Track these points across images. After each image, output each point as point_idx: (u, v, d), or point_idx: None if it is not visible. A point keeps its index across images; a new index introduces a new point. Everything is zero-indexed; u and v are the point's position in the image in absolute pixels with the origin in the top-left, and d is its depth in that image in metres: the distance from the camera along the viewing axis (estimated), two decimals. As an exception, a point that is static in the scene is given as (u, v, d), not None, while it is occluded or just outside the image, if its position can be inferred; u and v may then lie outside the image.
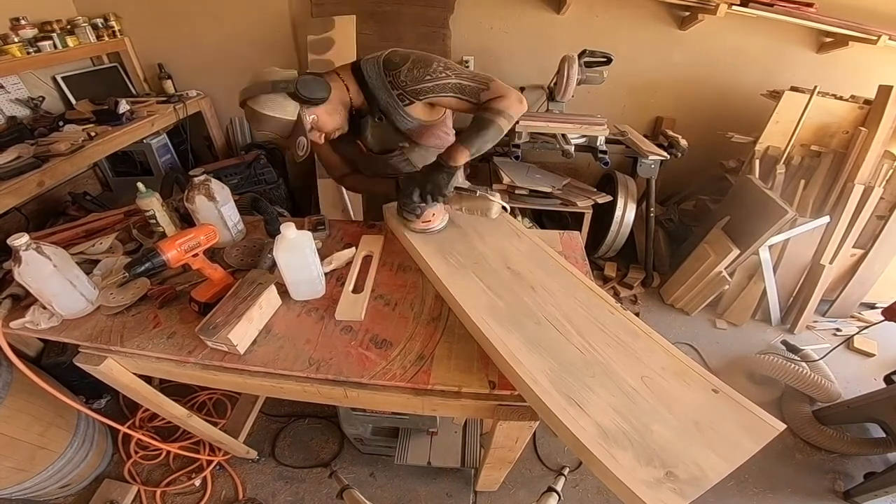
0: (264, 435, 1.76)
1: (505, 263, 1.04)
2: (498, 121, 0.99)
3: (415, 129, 1.14)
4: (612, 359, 0.80)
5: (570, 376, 0.77)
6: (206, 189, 1.11)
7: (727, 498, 1.57)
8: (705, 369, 0.78)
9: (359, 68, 1.08)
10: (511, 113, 1.00)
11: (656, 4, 2.30)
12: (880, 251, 2.17)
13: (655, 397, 0.73)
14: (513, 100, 1.01)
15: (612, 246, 2.51)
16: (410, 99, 1.06)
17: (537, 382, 0.75)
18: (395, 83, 1.03)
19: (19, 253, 0.83)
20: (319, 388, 0.87)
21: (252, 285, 0.94)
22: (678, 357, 0.80)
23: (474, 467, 1.52)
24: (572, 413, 0.71)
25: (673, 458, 0.65)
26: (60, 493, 1.48)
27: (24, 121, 2.09)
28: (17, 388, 1.23)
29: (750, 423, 0.70)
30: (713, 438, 0.67)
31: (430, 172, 1.02)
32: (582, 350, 0.82)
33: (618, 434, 0.68)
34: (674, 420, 0.70)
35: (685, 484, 0.62)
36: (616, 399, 0.73)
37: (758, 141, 2.29)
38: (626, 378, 0.77)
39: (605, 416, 0.70)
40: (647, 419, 0.70)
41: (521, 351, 0.81)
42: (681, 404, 0.72)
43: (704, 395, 0.74)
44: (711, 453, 0.65)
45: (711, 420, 0.70)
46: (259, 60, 2.68)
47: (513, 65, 2.59)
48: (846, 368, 2.06)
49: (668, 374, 0.77)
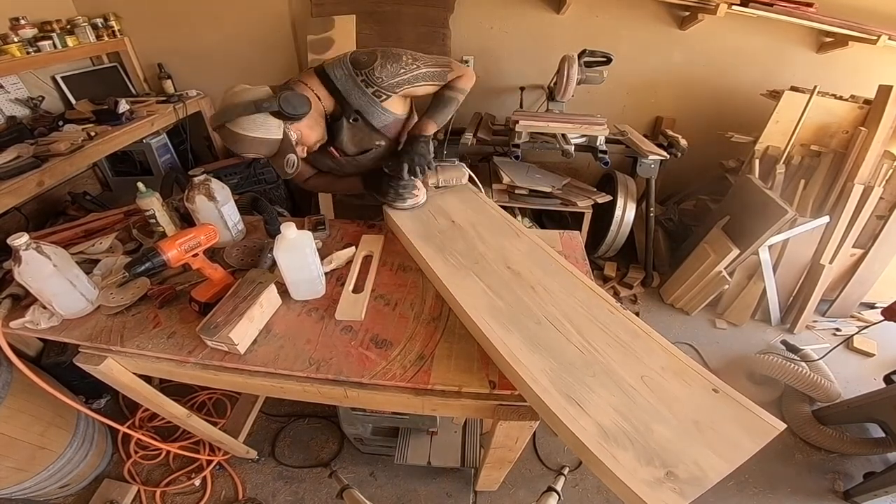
0: (264, 435, 1.76)
1: (505, 263, 1.04)
2: (458, 97, 1.13)
3: (390, 125, 1.15)
4: (612, 358, 0.80)
5: (569, 376, 0.77)
6: (206, 189, 1.11)
7: (727, 498, 1.57)
8: (705, 369, 0.78)
9: (324, 72, 1.07)
10: (467, 88, 1.15)
11: (656, 4, 2.30)
12: (880, 251, 2.17)
13: (655, 397, 0.74)
14: (469, 76, 1.15)
15: (612, 246, 2.51)
16: (387, 94, 1.08)
17: (537, 382, 0.75)
18: (370, 81, 1.04)
19: (19, 253, 0.83)
20: (319, 388, 0.87)
21: (252, 284, 0.94)
22: (678, 357, 0.81)
23: (474, 467, 1.52)
24: (572, 412, 0.71)
25: (673, 457, 0.65)
26: (60, 492, 1.48)
27: (24, 121, 2.08)
28: (17, 388, 1.23)
29: (750, 422, 0.70)
30: (713, 438, 0.68)
31: (412, 145, 1.09)
32: (582, 350, 0.82)
33: (618, 434, 0.68)
34: (674, 420, 0.70)
35: (685, 484, 0.62)
36: (616, 398, 0.73)
37: (758, 141, 2.29)
38: (625, 378, 0.77)
39: (605, 415, 0.70)
40: (648, 419, 0.70)
41: (521, 351, 0.81)
42: (681, 404, 0.72)
43: (704, 395, 0.74)
44: (711, 453, 0.66)
45: (711, 420, 0.70)
46: (259, 60, 2.69)
47: (513, 65, 2.59)
48: (846, 368, 2.06)
49: (668, 373, 0.78)
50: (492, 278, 0.99)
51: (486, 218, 1.22)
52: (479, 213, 1.24)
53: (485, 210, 1.25)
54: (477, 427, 1.56)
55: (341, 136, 1.13)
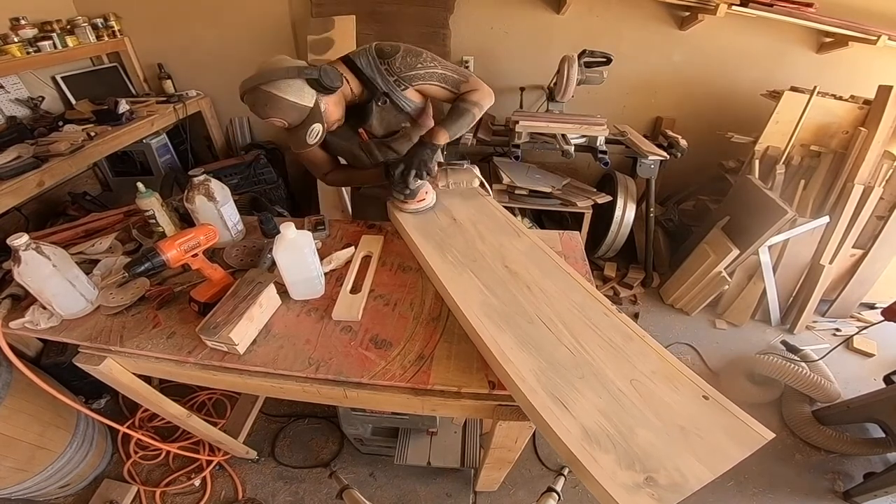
0: (264, 435, 1.76)
1: (502, 262, 1.04)
2: (473, 110, 1.14)
3: (414, 109, 1.22)
4: (603, 361, 0.80)
5: (557, 376, 0.77)
6: (206, 189, 1.11)
7: (727, 498, 1.57)
8: (698, 375, 0.77)
9: (350, 60, 1.13)
10: (484, 104, 1.16)
11: (656, 4, 2.30)
12: (880, 251, 2.17)
13: (643, 401, 0.73)
14: (486, 93, 1.16)
15: (611, 246, 2.51)
16: (405, 84, 1.15)
17: (524, 380, 0.75)
18: (391, 70, 1.12)
19: (19, 253, 0.83)
20: (319, 388, 0.86)
21: (251, 284, 0.94)
22: (670, 362, 0.79)
23: (474, 467, 1.52)
24: (557, 412, 0.70)
25: (655, 462, 0.64)
26: (60, 492, 1.48)
27: (24, 121, 2.09)
28: (17, 388, 1.23)
29: (738, 430, 0.69)
30: (698, 445, 0.67)
31: (416, 151, 1.11)
32: (572, 350, 0.82)
33: (601, 436, 0.67)
34: (660, 424, 0.69)
35: (665, 490, 0.61)
36: (602, 401, 0.73)
37: (758, 141, 2.29)
38: (614, 380, 0.76)
39: (589, 417, 0.70)
40: (633, 422, 0.69)
41: (511, 349, 0.81)
42: (668, 409, 0.72)
43: (694, 401, 0.73)
44: (695, 460, 0.64)
45: (698, 426, 0.69)
46: (259, 61, 2.68)
47: (513, 65, 2.59)
48: (846, 368, 2.06)
49: (658, 377, 0.77)
50: (488, 276, 0.99)
51: (487, 217, 1.22)
52: (481, 212, 1.24)
53: (487, 209, 1.26)
54: (477, 427, 1.56)
55: (371, 118, 1.18)
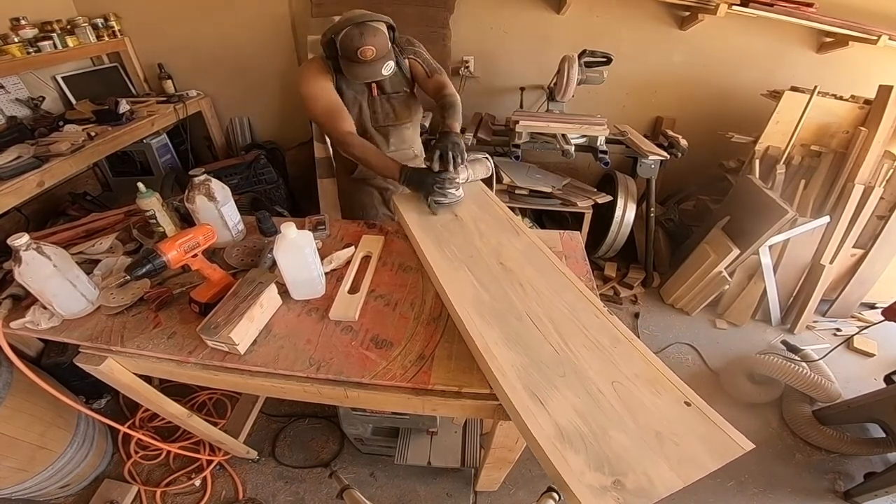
0: (264, 435, 1.76)
1: (498, 259, 1.04)
2: (454, 98, 1.37)
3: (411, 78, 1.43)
4: (587, 361, 0.80)
5: (538, 373, 0.77)
6: (207, 189, 1.11)
7: (727, 498, 1.57)
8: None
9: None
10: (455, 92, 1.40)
11: (656, 4, 2.30)
12: (880, 251, 2.17)
13: (622, 403, 0.72)
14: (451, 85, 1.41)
15: (612, 246, 2.51)
16: (405, 56, 1.38)
17: (505, 376, 0.76)
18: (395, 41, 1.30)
19: (19, 253, 0.84)
20: (320, 388, 0.87)
21: (252, 284, 0.94)
22: (655, 366, 0.79)
23: (474, 467, 1.52)
24: (533, 409, 0.71)
25: (625, 466, 0.64)
26: (60, 493, 1.48)
27: (25, 121, 2.08)
28: (17, 388, 1.23)
29: (716, 439, 0.68)
30: (672, 451, 0.66)
31: (445, 138, 1.21)
32: (557, 349, 0.82)
33: (574, 435, 0.67)
34: (635, 428, 0.69)
35: (631, 494, 0.61)
36: (580, 401, 0.72)
37: (758, 141, 2.28)
38: (596, 381, 0.76)
39: (564, 416, 0.70)
40: (608, 424, 0.69)
41: (496, 344, 0.82)
42: (647, 413, 0.71)
43: (674, 407, 0.72)
44: (667, 467, 0.64)
45: (675, 432, 0.68)
46: (259, 61, 2.69)
47: (513, 65, 2.59)
48: (846, 368, 2.06)
49: (641, 381, 0.76)
50: (482, 272, 1.00)
51: (488, 215, 1.22)
52: (483, 209, 1.25)
53: (489, 207, 1.26)
54: (477, 427, 1.56)
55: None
